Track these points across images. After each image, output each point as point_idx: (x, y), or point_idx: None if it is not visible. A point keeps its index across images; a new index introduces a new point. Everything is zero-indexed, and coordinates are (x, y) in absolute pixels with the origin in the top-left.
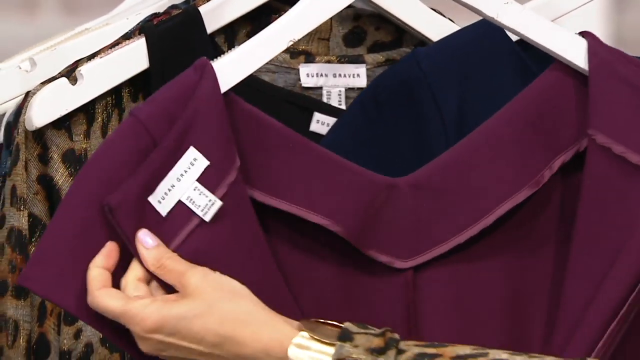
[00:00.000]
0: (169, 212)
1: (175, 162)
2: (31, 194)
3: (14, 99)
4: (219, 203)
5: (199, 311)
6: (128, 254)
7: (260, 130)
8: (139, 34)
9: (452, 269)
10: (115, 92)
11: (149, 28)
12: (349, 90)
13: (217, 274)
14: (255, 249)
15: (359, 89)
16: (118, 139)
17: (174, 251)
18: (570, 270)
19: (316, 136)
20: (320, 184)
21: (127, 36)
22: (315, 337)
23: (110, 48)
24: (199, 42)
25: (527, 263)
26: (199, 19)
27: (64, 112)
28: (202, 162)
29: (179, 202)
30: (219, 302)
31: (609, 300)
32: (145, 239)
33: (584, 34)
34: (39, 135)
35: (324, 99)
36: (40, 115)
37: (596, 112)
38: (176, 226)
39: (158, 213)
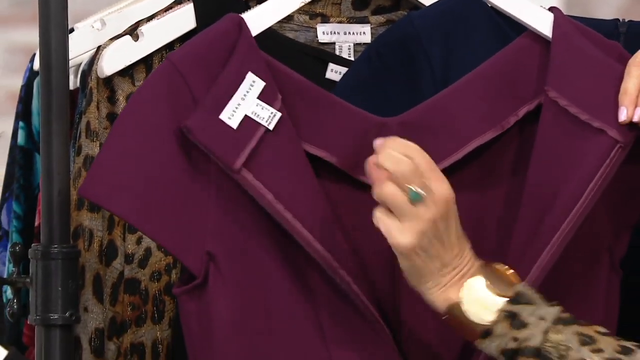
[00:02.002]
0: (239, 125)
1: (238, 86)
2: (102, 128)
3: (87, 52)
4: (279, 114)
5: (453, 214)
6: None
7: (280, 76)
8: (188, 0)
9: None
10: (168, 47)
11: None
12: (356, 45)
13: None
14: (301, 157)
15: (364, 44)
16: (154, 78)
17: (252, 151)
18: (524, 201)
19: (331, 82)
20: (321, 123)
21: (179, 1)
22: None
23: (165, 11)
24: (235, 5)
25: (491, 194)
26: None
27: (127, 63)
28: (260, 83)
29: (246, 116)
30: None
31: (549, 228)
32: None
33: (551, 9)
34: (108, 81)
35: (337, 52)
36: (109, 65)
37: (553, 72)
38: (247, 135)
39: (230, 127)
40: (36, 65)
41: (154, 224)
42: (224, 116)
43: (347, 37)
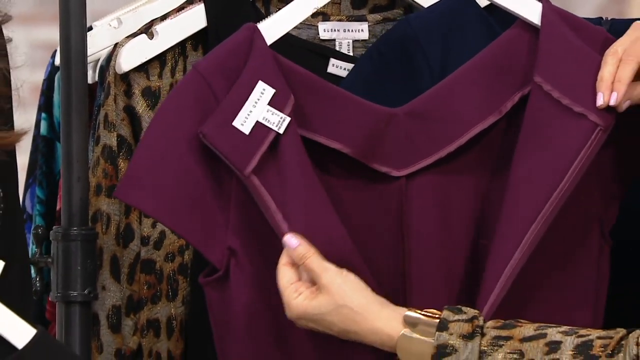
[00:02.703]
0: (251, 131)
1: (249, 94)
2: (119, 119)
3: (105, 48)
4: (288, 119)
5: (326, 310)
6: (216, 176)
7: (291, 75)
8: (199, 0)
9: (434, 177)
10: (181, 45)
11: None
12: (355, 41)
13: (341, 273)
14: (304, 157)
15: (362, 40)
16: (182, 86)
17: (261, 157)
18: (511, 181)
19: (332, 77)
20: (334, 116)
21: (190, 1)
22: (416, 332)
23: (178, 11)
24: (244, 6)
25: (490, 174)
26: None
27: (143, 59)
28: (270, 91)
29: (257, 122)
30: (339, 303)
31: (534, 206)
32: (291, 241)
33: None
34: (125, 76)
35: (337, 48)
36: (126, 61)
37: (541, 60)
38: (259, 140)
39: (242, 133)
40: (57, 60)
41: (181, 222)
42: (237, 122)
43: (346, 34)
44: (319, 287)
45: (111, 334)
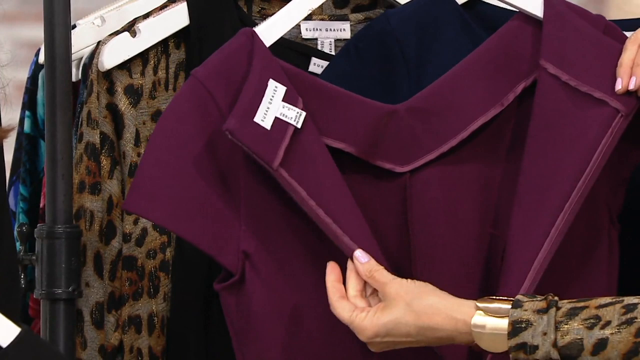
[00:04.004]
0: (272, 126)
1: (263, 93)
2: (101, 117)
3: (88, 47)
4: (303, 113)
5: (400, 314)
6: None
7: (292, 76)
8: None
9: (438, 172)
10: (163, 43)
11: None
12: (337, 40)
13: (407, 281)
14: (325, 152)
15: (344, 39)
16: (182, 94)
17: (286, 150)
18: (522, 174)
19: (314, 75)
20: (336, 116)
21: (173, 0)
22: (489, 313)
23: (160, 9)
24: (226, 4)
25: (495, 166)
26: None
27: (126, 57)
28: (282, 88)
29: (276, 118)
30: (412, 302)
31: (558, 196)
32: (361, 257)
33: None
34: (107, 74)
35: (319, 47)
36: (108, 59)
37: (546, 47)
38: (280, 135)
39: (264, 128)
40: (41, 58)
41: (192, 230)
42: (257, 119)
43: (328, 33)
44: (385, 298)
45: (95, 330)
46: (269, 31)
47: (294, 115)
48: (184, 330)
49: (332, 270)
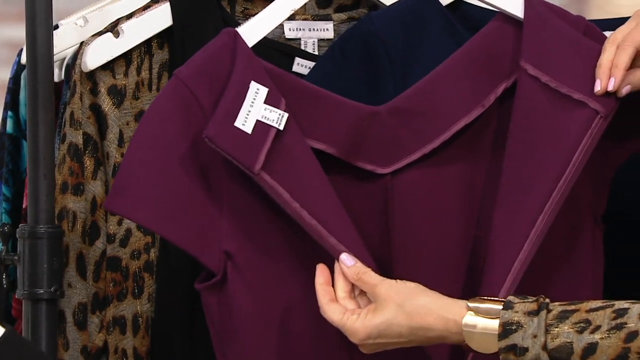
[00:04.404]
0: (253, 129)
1: (245, 95)
2: (85, 117)
3: (71, 47)
4: (286, 115)
5: (392, 315)
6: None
7: (275, 77)
8: None
9: (420, 173)
10: (146, 43)
11: None
12: (320, 40)
13: (397, 282)
14: (308, 152)
15: (327, 39)
16: (164, 94)
17: (268, 153)
18: (503, 175)
19: (297, 75)
20: (317, 117)
21: (156, 0)
22: (480, 313)
23: (143, 10)
24: (209, 5)
25: (477, 167)
26: None
27: (109, 58)
28: (264, 90)
29: (257, 121)
30: (403, 303)
31: (538, 197)
32: (347, 260)
33: None
34: (91, 75)
35: (302, 47)
36: (92, 60)
37: (526, 48)
38: (262, 138)
39: (245, 132)
40: (23, 59)
41: (173, 230)
42: (238, 123)
43: (311, 33)
44: (376, 299)
45: (77, 331)
46: (252, 31)
47: (276, 117)
48: (168, 331)
49: (321, 273)
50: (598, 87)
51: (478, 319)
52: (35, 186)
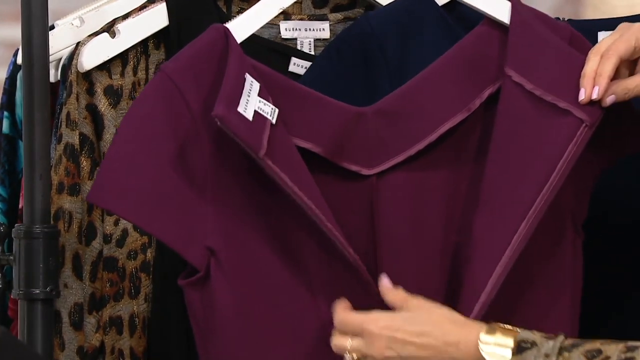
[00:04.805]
0: (253, 118)
1: (242, 86)
2: (81, 118)
3: (67, 47)
4: (277, 110)
5: (417, 313)
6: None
7: (262, 75)
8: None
9: (405, 175)
10: (143, 43)
11: None
12: (316, 40)
13: (428, 301)
14: (294, 149)
15: (324, 39)
16: (149, 88)
17: (268, 142)
18: (485, 182)
19: (294, 75)
20: (304, 116)
21: (152, 0)
22: (496, 342)
23: (139, 10)
24: (206, 5)
25: (461, 171)
26: None
27: (105, 58)
28: (256, 84)
29: (255, 111)
30: (431, 308)
31: (521, 204)
32: (387, 282)
33: None
34: (87, 75)
35: (298, 47)
36: (88, 60)
37: (511, 55)
38: (260, 127)
39: (246, 118)
40: (19, 59)
41: (157, 224)
42: (240, 109)
43: (307, 33)
44: (408, 308)
45: (73, 332)
46: (240, 28)
47: (270, 111)
48: (165, 331)
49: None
50: (582, 96)
51: (495, 336)
52: (31, 186)
